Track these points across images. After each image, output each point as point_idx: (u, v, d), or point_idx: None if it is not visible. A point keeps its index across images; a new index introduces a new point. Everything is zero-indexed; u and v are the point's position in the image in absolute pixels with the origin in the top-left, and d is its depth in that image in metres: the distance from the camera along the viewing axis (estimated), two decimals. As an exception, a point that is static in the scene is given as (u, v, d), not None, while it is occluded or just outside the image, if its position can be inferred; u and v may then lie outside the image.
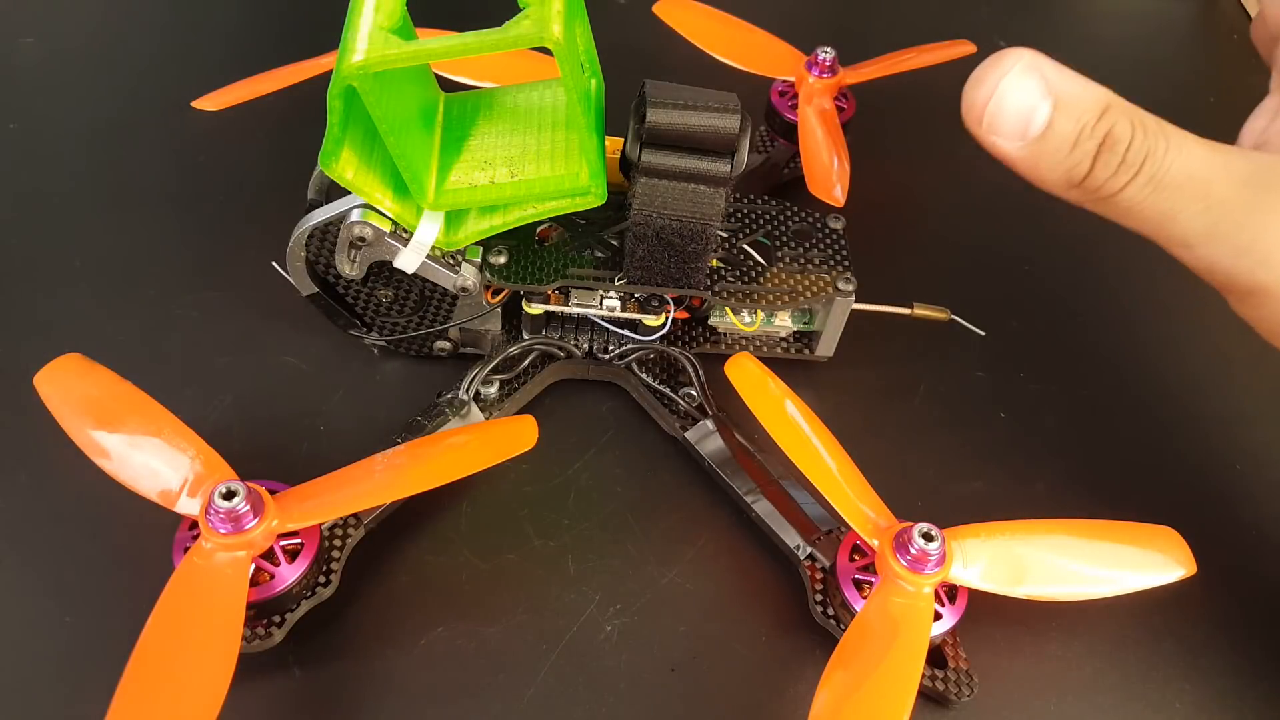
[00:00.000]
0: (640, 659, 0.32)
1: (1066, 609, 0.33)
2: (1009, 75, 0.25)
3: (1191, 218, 0.26)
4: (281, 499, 0.30)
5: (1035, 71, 0.25)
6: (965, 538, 0.31)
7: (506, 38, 0.29)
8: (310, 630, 0.31)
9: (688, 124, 0.32)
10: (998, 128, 0.25)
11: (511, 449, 0.33)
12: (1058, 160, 0.25)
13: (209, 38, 0.54)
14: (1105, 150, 0.25)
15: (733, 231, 0.39)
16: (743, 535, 0.35)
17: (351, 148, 0.32)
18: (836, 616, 0.32)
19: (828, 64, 0.44)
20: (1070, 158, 0.25)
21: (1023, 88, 0.25)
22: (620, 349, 0.38)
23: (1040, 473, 0.38)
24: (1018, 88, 0.25)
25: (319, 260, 0.35)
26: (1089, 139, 0.25)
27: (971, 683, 0.32)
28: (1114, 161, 0.25)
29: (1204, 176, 0.25)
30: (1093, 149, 0.25)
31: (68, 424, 0.31)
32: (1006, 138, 0.25)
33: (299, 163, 0.37)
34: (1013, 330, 0.42)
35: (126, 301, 0.41)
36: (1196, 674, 0.33)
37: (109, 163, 0.46)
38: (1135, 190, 0.25)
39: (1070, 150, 0.25)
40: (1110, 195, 0.26)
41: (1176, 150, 0.25)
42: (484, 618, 0.33)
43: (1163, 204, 0.25)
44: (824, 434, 0.33)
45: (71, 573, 0.33)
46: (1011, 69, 0.25)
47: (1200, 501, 0.38)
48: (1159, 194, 0.25)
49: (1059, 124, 0.25)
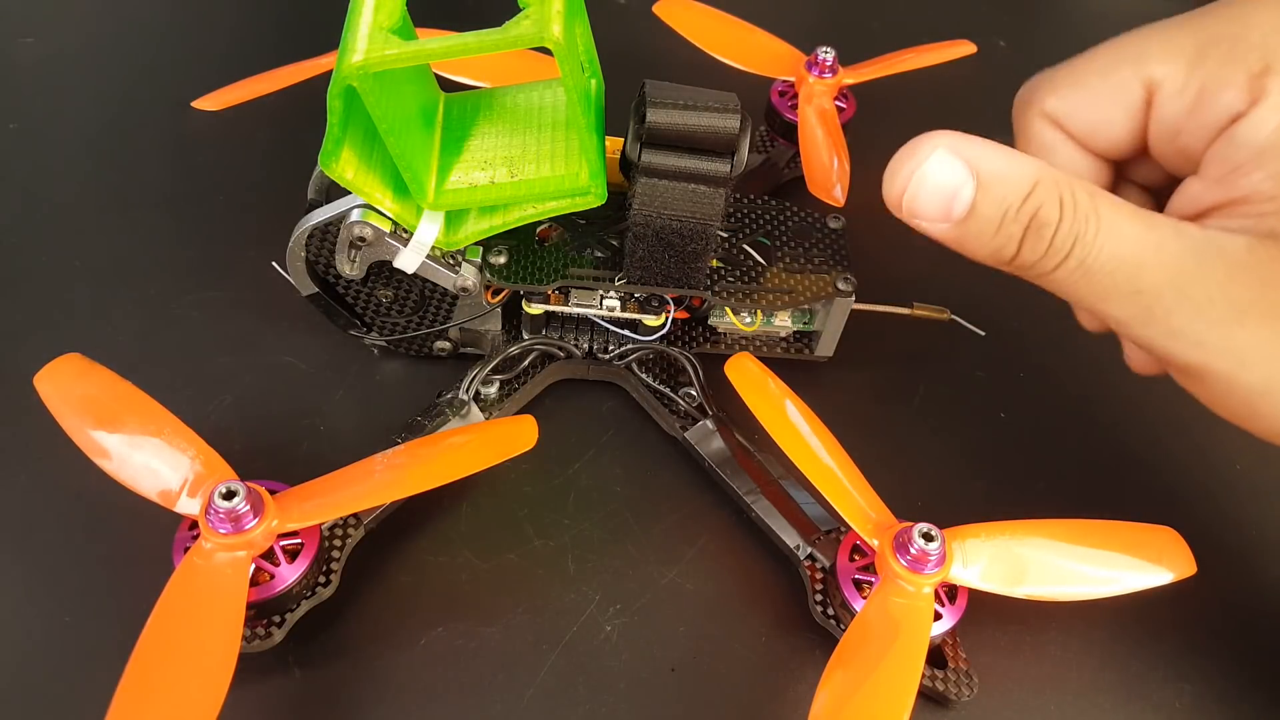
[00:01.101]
0: (640, 659, 0.32)
1: (1066, 609, 0.33)
2: (927, 161, 0.24)
3: (1123, 300, 0.25)
4: (281, 499, 0.30)
5: (956, 153, 0.24)
6: (965, 538, 0.31)
7: (506, 38, 0.29)
8: (310, 630, 0.31)
9: (688, 124, 0.32)
10: (918, 211, 0.25)
11: (511, 449, 0.33)
12: (983, 242, 0.25)
13: (209, 38, 0.54)
14: (1031, 233, 0.24)
15: (733, 231, 0.39)
16: (743, 535, 0.35)
17: (351, 148, 0.32)
18: (836, 616, 0.32)
19: (828, 64, 0.44)
20: (995, 240, 0.25)
21: (944, 170, 0.24)
22: (620, 349, 0.38)
23: (1040, 473, 0.38)
24: (938, 170, 0.24)
25: (319, 260, 0.35)
26: (1014, 221, 0.24)
27: (971, 683, 0.32)
28: (1041, 246, 0.25)
29: (1135, 260, 0.24)
30: (1018, 231, 0.25)
31: (68, 424, 0.31)
32: (930, 220, 0.25)
33: (299, 163, 0.37)
34: (1013, 330, 0.42)
35: (126, 301, 0.41)
36: (1196, 674, 0.33)
37: (109, 162, 0.46)
38: (1065, 274, 0.25)
39: (995, 233, 0.25)
40: (1040, 276, 0.25)
41: (1107, 232, 0.24)
42: (484, 618, 0.33)
43: (1095, 287, 0.25)
44: (824, 434, 0.33)
45: (71, 573, 0.33)
46: (928, 156, 0.24)
47: (1200, 501, 0.38)
48: (1090, 278, 0.25)
49: (982, 206, 0.24)
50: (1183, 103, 0.26)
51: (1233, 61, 0.25)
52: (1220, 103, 0.26)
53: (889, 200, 0.25)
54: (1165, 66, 0.27)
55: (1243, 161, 0.25)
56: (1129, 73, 0.27)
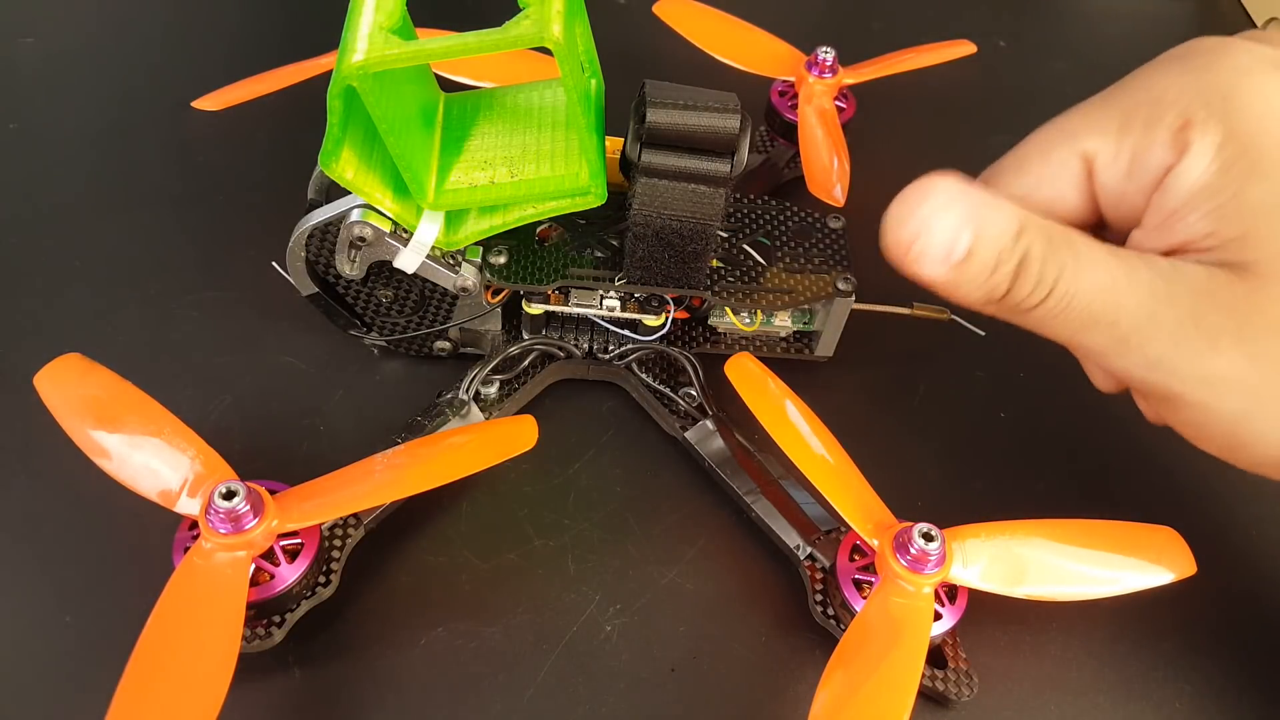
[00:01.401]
0: (640, 659, 0.32)
1: (1066, 609, 0.33)
2: (936, 209, 0.25)
3: (1103, 331, 0.26)
4: (281, 499, 0.30)
5: (957, 201, 0.25)
6: (965, 538, 0.31)
7: (506, 38, 0.29)
8: (310, 630, 0.31)
9: (688, 124, 0.32)
10: (924, 259, 0.26)
11: (511, 449, 0.33)
12: (979, 283, 0.26)
13: (209, 38, 0.54)
14: (1023, 271, 0.26)
15: (733, 231, 0.39)
16: (743, 535, 0.35)
17: (351, 148, 0.32)
18: (836, 616, 0.32)
19: (828, 64, 0.44)
20: (990, 280, 0.26)
21: (947, 217, 0.25)
22: (620, 349, 0.38)
23: (1040, 473, 0.38)
24: (944, 217, 0.25)
25: (319, 260, 0.35)
26: (1007, 262, 0.25)
27: (971, 683, 0.32)
28: (1030, 281, 0.26)
29: (1112, 288, 0.26)
30: (1011, 270, 0.26)
31: (68, 424, 0.31)
32: (931, 266, 0.26)
33: (299, 163, 0.37)
34: (1013, 330, 0.42)
35: (126, 301, 0.41)
36: (1196, 674, 0.33)
37: (109, 163, 0.46)
38: (1051, 306, 0.26)
39: (990, 273, 0.26)
40: (1027, 311, 0.26)
41: (1087, 265, 0.26)
42: (484, 618, 0.33)
43: (1075, 319, 0.26)
44: (824, 434, 0.33)
45: (71, 573, 0.33)
46: (937, 201, 0.25)
47: (1200, 501, 0.38)
48: (1071, 309, 0.26)
49: (980, 250, 0.25)
50: (1118, 169, 0.28)
51: (1155, 124, 0.27)
52: (1151, 162, 0.27)
53: (895, 250, 0.26)
54: (1096, 140, 0.28)
55: (1177, 207, 0.27)
56: (1066, 151, 0.29)
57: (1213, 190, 0.26)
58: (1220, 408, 0.26)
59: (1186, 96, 0.27)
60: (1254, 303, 0.25)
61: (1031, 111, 0.31)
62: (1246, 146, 0.26)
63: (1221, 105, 0.26)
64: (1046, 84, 0.55)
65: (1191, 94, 0.27)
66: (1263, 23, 0.59)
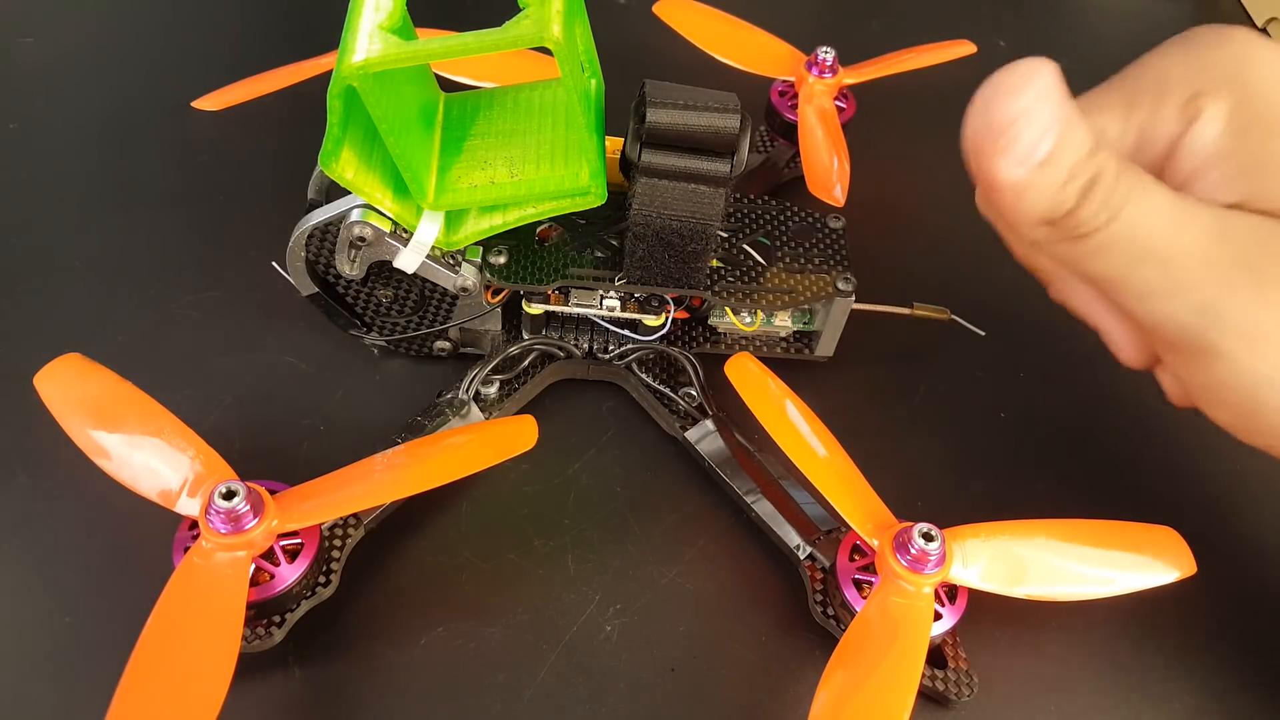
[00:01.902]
0: (640, 659, 0.32)
1: (1066, 609, 0.33)
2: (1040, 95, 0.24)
3: (1155, 267, 0.25)
4: (281, 499, 0.30)
5: (1053, 94, 0.24)
6: (965, 538, 0.31)
7: (506, 38, 0.29)
8: (310, 630, 0.31)
9: (688, 124, 0.32)
10: (1013, 149, 0.24)
11: (511, 449, 0.33)
12: (1050, 192, 0.25)
13: (209, 38, 0.54)
14: (1094, 186, 0.25)
15: (733, 231, 0.39)
16: (743, 535, 0.36)
17: (351, 148, 0.32)
18: (836, 616, 0.32)
19: (828, 64, 0.44)
20: (1061, 193, 0.25)
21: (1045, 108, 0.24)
22: (620, 349, 0.38)
23: (1040, 473, 0.38)
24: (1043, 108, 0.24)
25: (319, 260, 0.35)
26: (1080, 175, 0.24)
27: (971, 683, 0.32)
28: (1099, 199, 0.25)
29: (1172, 222, 0.25)
30: (1084, 184, 0.25)
31: (68, 424, 0.31)
32: (1012, 161, 0.24)
33: (299, 163, 0.37)
34: (1013, 330, 0.42)
35: (126, 301, 0.41)
36: (1196, 674, 0.33)
37: (109, 163, 0.46)
38: (1112, 232, 0.25)
39: (1063, 185, 0.24)
40: (1086, 235, 0.25)
41: (1151, 194, 0.25)
42: (484, 618, 0.33)
43: (1132, 250, 0.25)
44: (824, 434, 0.33)
45: (71, 573, 0.33)
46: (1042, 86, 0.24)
47: (1200, 501, 0.38)
48: (1133, 238, 0.25)
49: (1061, 154, 0.24)
50: (1125, 146, 0.28)
51: (1162, 101, 0.28)
52: (1159, 136, 0.28)
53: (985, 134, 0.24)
54: (1102, 119, 0.28)
55: (1195, 167, 0.27)
56: None
57: (1231, 150, 0.26)
58: (1252, 365, 0.26)
59: (1192, 73, 0.27)
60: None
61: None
62: (1261, 111, 0.26)
63: (1232, 75, 0.27)
64: (1046, 84, 0.55)
65: (1196, 70, 0.27)
66: (1263, 22, 0.59)
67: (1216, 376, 0.27)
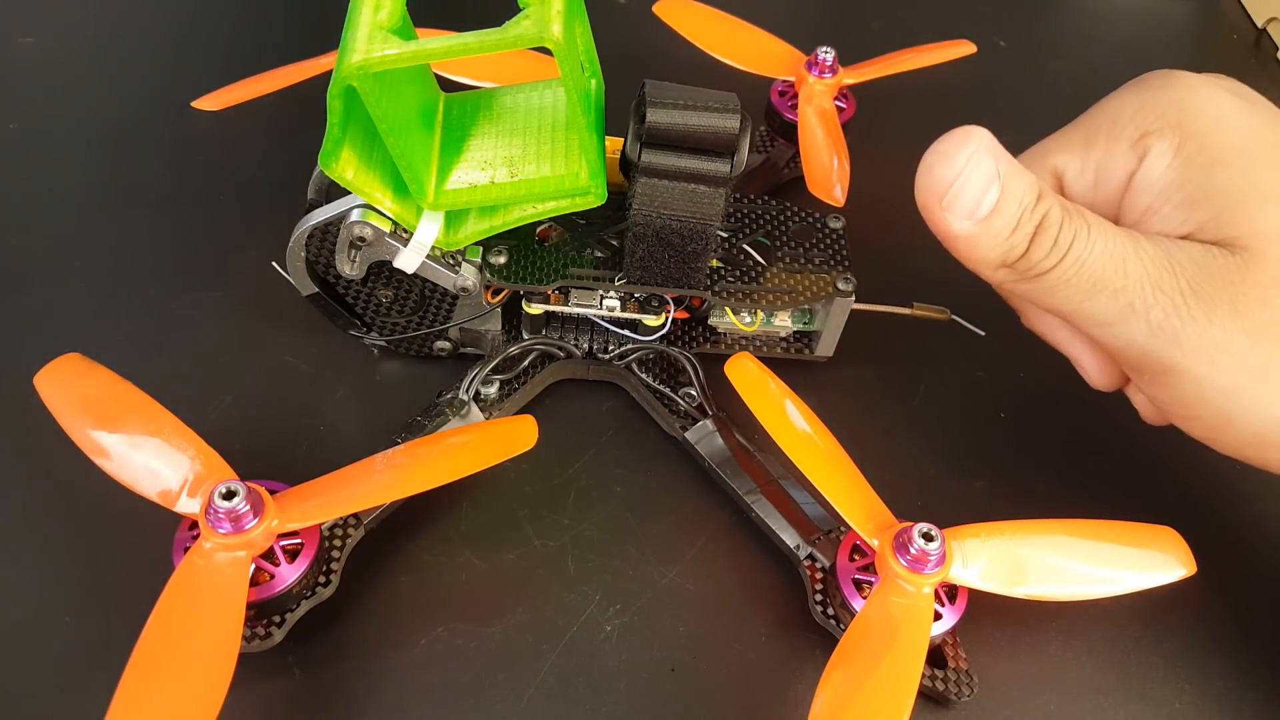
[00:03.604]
0: (640, 659, 0.32)
1: (1066, 609, 0.33)
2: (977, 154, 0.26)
3: (1110, 297, 0.27)
4: (281, 499, 0.30)
5: (990, 152, 0.27)
6: (965, 538, 0.31)
7: (506, 38, 0.29)
8: (310, 630, 0.31)
9: (688, 124, 0.32)
10: (956, 206, 0.27)
11: (511, 449, 0.33)
12: (1000, 240, 0.27)
13: (209, 38, 0.54)
14: (1041, 232, 0.27)
15: (733, 231, 0.39)
16: (743, 535, 0.36)
17: (351, 148, 0.32)
18: (836, 616, 0.32)
19: (828, 64, 0.44)
20: (1011, 238, 0.27)
21: (983, 165, 0.26)
22: (620, 349, 0.38)
23: (1040, 473, 0.38)
24: (979, 168, 0.26)
25: (319, 260, 0.35)
26: (1029, 221, 0.27)
27: (971, 683, 0.32)
28: (1047, 242, 0.27)
29: (1120, 255, 0.27)
30: (1031, 230, 0.27)
31: (68, 424, 0.31)
32: (958, 216, 0.27)
33: (299, 163, 0.37)
34: (1013, 330, 0.42)
35: (126, 301, 0.41)
36: (1196, 674, 0.33)
37: (109, 163, 0.46)
38: (1064, 269, 0.27)
39: (1012, 231, 0.27)
40: (1040, 274, 0.28)
41: (1098, 233, 0.27)
42: (484, 618, 0.33)
43: (1085, 283, 0.27)
44: (824, 434, 0.33)
45: (71, 573, 0.33)
46: (978, 146, 0.26)
47: (1200, 501, 0.38)
48: (1083, 274, 0.27)
49: (1005, 205, 0.27)
50: (1086, 181, 0.31)
51: (1115, 139, 0.30)
52: (1114, 172, 0.30)
53: (931, 194, 0.27)
54: (1064, 157, 0.31)
55: (1149, 203, 0.29)
56: (1038, 168, 0.32)
57: (1180, 182, 0.29)
58: (1215, 379, 0.27)
59: (1143, 113, 0.30)
60: (1245, 274, 0.27)
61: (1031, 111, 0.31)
62: (1203, 144, 0.29)
63: (1176, 115, 0.29)
64: (1046, 84, 0.55)
65: (1147, 110, 0.30)
66: (1263, 23, 0.59)
67: (1182, 392, 0.28)
